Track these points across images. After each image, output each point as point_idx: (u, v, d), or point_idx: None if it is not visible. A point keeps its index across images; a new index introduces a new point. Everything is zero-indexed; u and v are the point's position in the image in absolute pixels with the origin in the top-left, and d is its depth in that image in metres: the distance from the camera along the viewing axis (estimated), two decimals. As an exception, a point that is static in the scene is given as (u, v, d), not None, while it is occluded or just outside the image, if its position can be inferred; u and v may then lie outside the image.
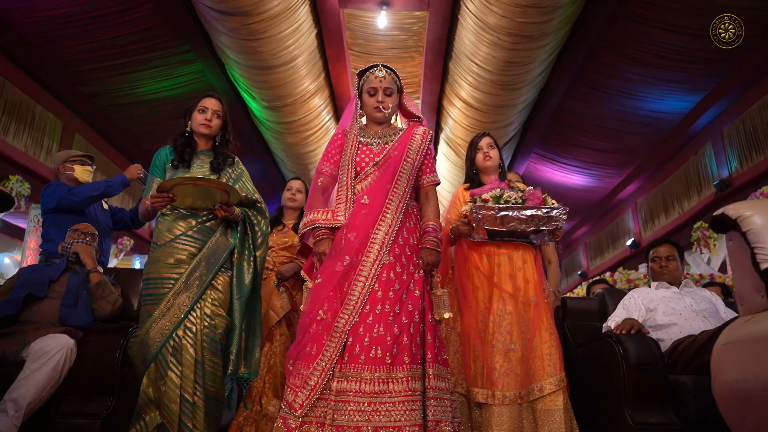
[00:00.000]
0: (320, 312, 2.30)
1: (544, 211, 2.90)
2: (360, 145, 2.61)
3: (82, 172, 3.91)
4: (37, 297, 2.93)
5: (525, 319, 2.88)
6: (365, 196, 2.49)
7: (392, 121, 2.75)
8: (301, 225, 2.59)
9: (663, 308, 3.05)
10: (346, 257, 2.37)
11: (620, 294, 3.40)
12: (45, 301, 2.94)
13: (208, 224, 2.77)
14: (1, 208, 2.26)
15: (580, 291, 11.38)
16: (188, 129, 2.94)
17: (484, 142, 3.32)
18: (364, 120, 2.74)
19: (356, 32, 8.97)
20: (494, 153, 3.29)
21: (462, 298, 3.01)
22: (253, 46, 7.62)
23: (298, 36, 7.94)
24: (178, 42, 7.74)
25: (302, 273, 2.66)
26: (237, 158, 3.04)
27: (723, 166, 8.15)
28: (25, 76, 7.47)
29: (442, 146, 10.64)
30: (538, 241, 3.06)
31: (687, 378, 2.53)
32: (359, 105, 2.71)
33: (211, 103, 2.94)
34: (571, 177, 10.97)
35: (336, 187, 2.60)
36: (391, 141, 2.61)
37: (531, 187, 3.06)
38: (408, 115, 2.80)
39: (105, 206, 4.03)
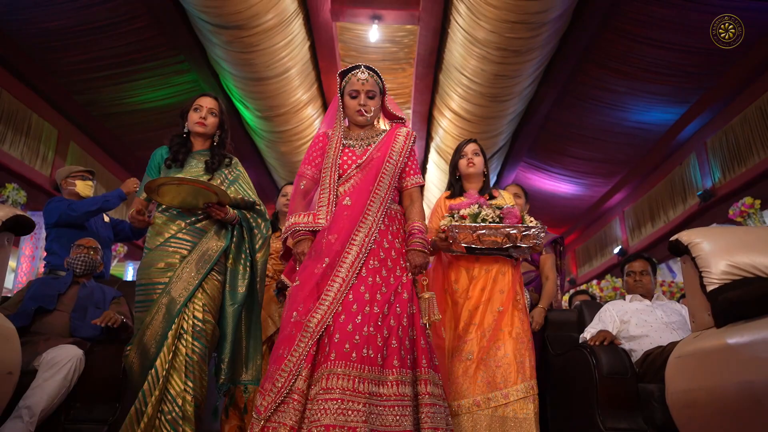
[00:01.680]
0: (294, 313, 2.23)
1: (522, 229, 2.91)
2: (343, 148, 2.56)
3: (84, 187, 4.06)
4: (46, 309, 3.00)
5: (490, 330, 2.86)
6: (347, 198, 2.44)
7: (375, 122, 2.67)
8: (283, 229, 2.52)
9: (636, 320, 3.17)
10: (326, 259, 2.31)
11: (597, 306, 3.54)
12: (54, 314, 3.01)
13: (198, 225, 2.69)
14: (23, 231, 2.35)
15: (566, 298, 11.54)
16: (185, 130, 2.87)
17: (470, 148, 3.23)
18: (346, 122, 2.65)
19: (348, 44, 9.08)
20: (478, 160, 3.20)
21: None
22: (247, 59, 7.71)
23: (292, 48, 8.04)
24: (172, 53, 7.86)
25: (282, 276, 2.62)
26: (236, 159, 2.95)
27: (707, 176, 8.34)
28: (21, 85, 7.56)
29: (433, 155, 10.76)
30: (518, 254, 3.04)
31: (654, 386, 2.64)
32: (341, 106, 2.62)
33: (206, 102, 2.86)
34: (559, 186, 11.12)
35: (318, 189, 2.54)
36: (374, 143, 2.56)
37: (509, 205, 3.04)
38: (390, 116, 2.72)
39: (106, 219, 4.16)
